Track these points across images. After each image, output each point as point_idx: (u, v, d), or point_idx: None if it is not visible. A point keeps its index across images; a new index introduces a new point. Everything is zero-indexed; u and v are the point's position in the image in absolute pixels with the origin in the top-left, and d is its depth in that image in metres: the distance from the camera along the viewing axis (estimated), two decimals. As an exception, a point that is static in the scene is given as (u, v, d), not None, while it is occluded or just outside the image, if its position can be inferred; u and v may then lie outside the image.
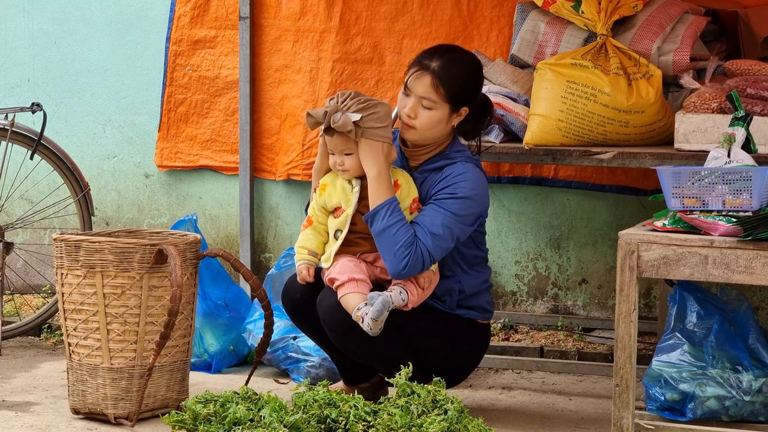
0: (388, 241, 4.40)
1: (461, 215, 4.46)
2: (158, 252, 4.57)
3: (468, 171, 4.51)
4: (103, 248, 4.57)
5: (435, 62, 4.49)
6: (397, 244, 4.39)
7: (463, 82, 4.53)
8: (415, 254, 4.39)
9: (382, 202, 4.42)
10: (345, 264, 4.49)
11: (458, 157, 4.56)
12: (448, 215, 4.44)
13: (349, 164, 4.51)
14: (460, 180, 4.48)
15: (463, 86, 4.52)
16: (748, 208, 4.08)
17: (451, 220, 4.44)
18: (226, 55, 6.21)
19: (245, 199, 6.14)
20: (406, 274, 4.41)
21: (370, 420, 4.14)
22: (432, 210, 4.46)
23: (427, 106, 4.50)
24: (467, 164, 4.54)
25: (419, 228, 4.43)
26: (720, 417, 4.25)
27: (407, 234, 4.40)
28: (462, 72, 4.53)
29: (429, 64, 4.50)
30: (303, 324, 4.73)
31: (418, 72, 4.51)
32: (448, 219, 4.44)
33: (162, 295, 4.63)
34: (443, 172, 4.53)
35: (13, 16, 6.55)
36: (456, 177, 4.49)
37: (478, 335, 4.68)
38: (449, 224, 4.43)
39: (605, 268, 5.90)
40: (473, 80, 4.58)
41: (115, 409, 4.63)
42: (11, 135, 5.83)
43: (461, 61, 4.55)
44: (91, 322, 4.62)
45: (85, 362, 4.65)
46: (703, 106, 4.80)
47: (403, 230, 4.40)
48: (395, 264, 4.40)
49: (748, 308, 4.38)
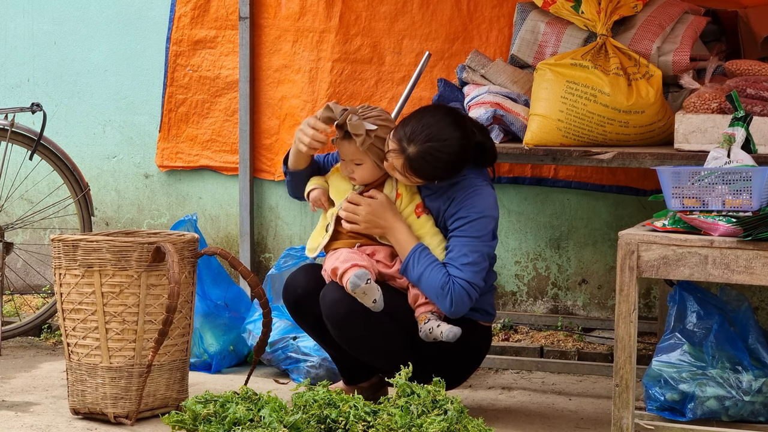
0: (426, 288, 4.51)
1: (482, 235, 4.52)
2: (156, 250, 4.57)
3: (477, 188, 4.55)
4: (100, 247, 4.57)
5: (411, 147, 4.43)
6: (434, 288, 4.48)
7: (436, 171, 4.48)
8: (455, 290, 4.46)
9: (407, 253, 4.51)
10: (346, 254, 4.53)
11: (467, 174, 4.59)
12: (471, 241, 4.50)
13: (359, 175, 4.58)
14: (471, 201, 4.52)
15: (436, 175, 4.49)
16: (747, 208, 4.08)
17: (475, 243, 4.51)
18: (226, 55, 6.21)
19: (245, 199, 6.14)
20: (456, 311, 4.48)
21: (370, 420, 4.14)
22: (456, 242, 4.52)
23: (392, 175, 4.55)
24: (476, 180, 4.58)
25: (450, 266, 4.50)
26: (720, 417, 4.25)
27: (440, 275, 4.47)
28: (436, 164, 4.45)
29: (406, 148, 4.44)
30: (303, 320, 4.74)
31: (395, 152, 4.46)
32: (472, 244, 4.50)
33: (160, 294, 4.63)
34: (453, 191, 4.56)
35: (13, 16, 6.55)
36: (467, 198, 4.53)
37: (480, 337, 4.69)
38: (475, 248, 4.50)
39: (605, 268, 5.90)
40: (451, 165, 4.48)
41: (114, 408, 4.63)
42: (11, 135, 5.84)
43: (439, 153, 4.44)
44: (90, 322, 4.62)
45: (84, 362, 4.65)
46: (703, 106, 4.80)
47: (435, 273, 4.48)
48: (442, 305, 4.50)
49: (748, 308, 4.38)
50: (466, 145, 4.49)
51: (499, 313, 6.00)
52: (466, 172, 4.59)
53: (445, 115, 4.50)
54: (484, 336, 4.71)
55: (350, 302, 4.45)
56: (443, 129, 4.46)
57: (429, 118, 4.47)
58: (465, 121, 4.54)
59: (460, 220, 4.53)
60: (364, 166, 4.56)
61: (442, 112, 4.52)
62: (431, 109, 4.54)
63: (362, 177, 4.58)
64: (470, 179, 4.58)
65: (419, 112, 4.52)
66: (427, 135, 4.44)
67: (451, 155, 4.46)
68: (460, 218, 4.53)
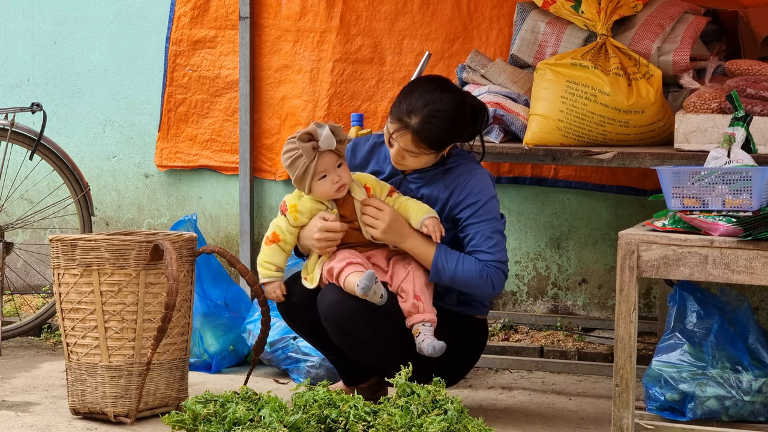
0: (464, 282, 4.53)
1: (495, 216, 4.58)
2: (154, 248, 4.57)
3: (474, 171, 4.59)
4: (99, 246, 4.58)
5: (413, 118, 4.46)
6: (473, 278, 4.51)
7: (444, 133, 4.50)
8: (492, 274, 4.52)
9: (432, 258, 4.52)
10: (342, 253, 4.52)
11: (457, 160, 4.62)
12: (488, 223, 4.56)
13: (346, 177, 4.52)
14: (474, 186, 4.56)
15: (444, 137, 4.51)
16: (748, 208, 4.08)
17: (493, 223, 4.56)
18: (226, 55, 6.21)
19: (245, 199, 6.14)
20: (498, 291, 4.57)
21: (370, 420, 4.14)
22: (475, 229, 4.55)
23: (412, 155, 4.54)
24: (468, 164, 4.61)
25: (478, 252, 4.53)
26: (720, 417, 4.25)
27: (473, 265, 4.51)
28: (441, 125, 4.48)
29: (408, 122, 4.47)
30: (299, 326, 4.73)
31: (399, 130, 4.48)
32: (491, 225, 4.56)
33: (159, 293, 4.63)
34: (451, 178, 4.59)
35: (13, 16, 6.55)
36: (468, 184, 4.57)
37: (477, 332, 4.70)
38: (495, 228, 4.56)
39: (605, 268, 5.90)
40: (454, 126, 4.52)
41: (114, 407, 4.63)
42: (11, 135, 5.84)
43: (440, 113, 4.47)
44: (89, 321, 4.62)
45: (83, 361, 4.65)
46: (703, 106, 4.80)
47: (468, 266, 4.51)
48: (485, 291, 4.55)
49: (748, 308, 4.38)
50: (461, 101, 4.54)
51: (499, 313, 6.00)
52: (455, 156, 4.61)
53: (431, 82, 4.57)
54: (481, 330, 4.72)
55: (349, 303, 4.45)
56: (435, 92, 4.51)
57: (417, 89, 4.52)
58: (450, 82, 4.61)
59: (471, 207, 4.56)
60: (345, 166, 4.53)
61: (426, 80, 4.59)
62: (415, 83, 4.59)
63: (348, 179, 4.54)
64: (462, 164, 4.61)
65: (405, 90, 4.56)
66: (423, 102, 4.48)
67: (452, 113, 4.49)
68: (470, 205, 4.55)
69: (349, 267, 4.46)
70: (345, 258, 4.49)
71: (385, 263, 4.58)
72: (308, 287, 4.58)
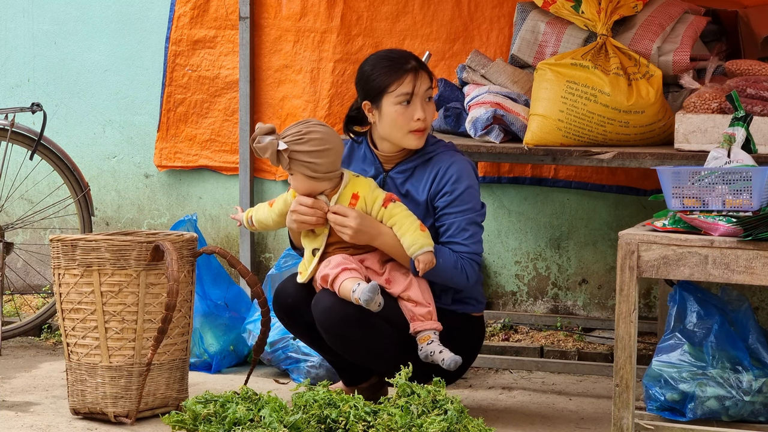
0: (440, 274, 4.53)
1: (472, 206, 4.57)
2: (155, 248, 4.58)
3: (453, 160, 4.59)
4: (99, 246, 4.58)
5: (412, 62, 4.59)
6: (447, 271, 4.52)
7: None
8: (466, 265, 4.54)
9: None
10: (336, 259, 4.52)
11: (435, 149, 4.63)
12: (464, 214, 4.55)
13: (294, 186, 4.61)
14: (452, 175, 4.56)
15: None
16: (748, 208, 4.08)
17: (469, 215, 4.56)
18: (226, 55, 6.21)
19: (245, 199, 6.14)
20: (471, 282, 4.58)
21: (370, 420, 4.14)
22: (450, 219, 4.56)
23: (430, 97, 4.60)
24: (448, 153, 4.62)
25: (452, 243, 4.55)
26: (720, 417, 4.25)
27: (447, 257, 4.52)
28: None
29: (415, 65, 4.58)
30: (295, 328, 4.73)
31: (415, 74, 4.57)
32: (467, 216, 4.56)
33: (159, 293, 4.63)
34: (430, 168, 4.59)
35: (13, 16, 6.55)
36: (447, 173, 4.57)
37: (474, 329, 4.70)
38: (471, 219, 4.57)
39: (605, 268, 5.90)
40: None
41: (114, 407, 4.64)
42: (11, 135, 5.84)
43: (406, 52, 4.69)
44: (89, 321, 4.63)
45: (84, 361, 4.66)
46: (703, 106, 4.80)
47: (444, 258, 4.51)
48: (461, 284, 4.57)
49: (748, 308, 4.38)
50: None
51: (499, 313, 6.00)
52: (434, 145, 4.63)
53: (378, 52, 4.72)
54: (478, 327, 4.72)
55: (343, 309, 4.45)
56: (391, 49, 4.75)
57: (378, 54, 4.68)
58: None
59: (447, 196, 4.56)
60: (295, 177, 4.58)
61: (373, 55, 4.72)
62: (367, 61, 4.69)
63: (297, 188, 4.60)
64: (441, 153, 4.62)
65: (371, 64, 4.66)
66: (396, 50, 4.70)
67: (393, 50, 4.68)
68: (446, 194, 4.56)
69: (344, 273, 4.45)
70: (339, 264, 4.48)
71: (379, 266, 4.58)
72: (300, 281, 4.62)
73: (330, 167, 4.53)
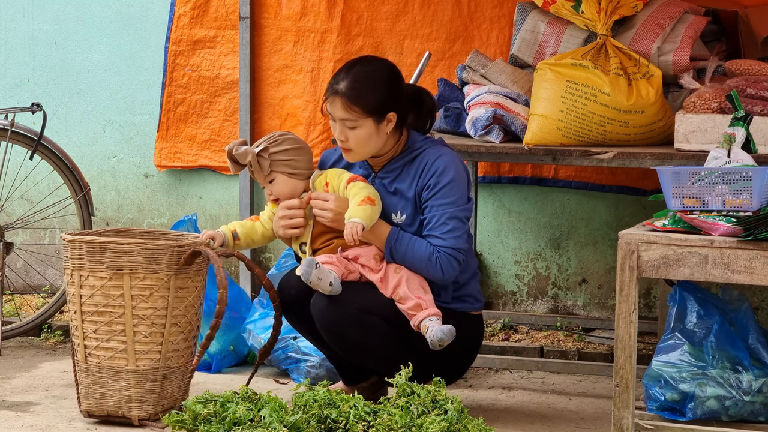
0: (414, 263, 4.53)
1: (456, 200, 4.54)
2: (192, 254, 4.54)
3: (440, 154, 4.57)
4: (132, 250, 4.52)
5: (341, 83, 4.51)
6: (422, 261, 4.51)
7: (375, 92, 4.51)
8: (441, 259, 4.51)
9: (386, 240, 4.54)
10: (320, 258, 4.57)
11: (423, 145, 4.63)
12: (446, 208, 4.53)
13: (276, 191, 4.66)
14: (437, 167, 4.54)
15: (376, 97, 4.51)
16: (748, 208, 4.08)
17: (452, 209, 4.53)
18: (226, 55, 6.21)
19: (245, 199, 6.14)
20: (447, 277, 4.54)
21: (370, 420, 4.14)
22: (432, 212, 4.54)
23: (350, 127, 4.53)
24: (435, 147, 4.61)
25: (431, 236, 4.53)
26: (720, 417, 4.25)
27: (423, 248, 4.51)
28: (369, 84, 4.51)
29: (337, 88, 4.51)
30: (297, 322, 4.74)
31: (329, 98, 4.54)
32: (448, 211, 4.53)
33: (185, 297, 4.60)
34: (417, 164, 4.60)
35: (13, 16, 6.55)
36: (432, 166, 4.55)
37: (473, 327, 4.70)
38: (452, 214, 4.53)
39: (605, 268, 5.90)
40: (386, 86, 4.55)
41: (139, 411, 4.59)
42: (11, 135, 5.84)
43: (367, 73, 4.53)
44: (116, 324, 4.55)
45: (106, 365, 4.58)
46: (703, 106, 4.80)
47: (418, 248, 4.52)
48: (434, 275, 4.53)
49: (748, 308, 4.38)
50: (392, 66, 4.62)
51: (499, 313, 6.00)
52: (421, 142, 4.62)
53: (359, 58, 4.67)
54: (477, 325, 4.72)
55: (341, 308, 4.46)
56: (360, 61, 4.61)
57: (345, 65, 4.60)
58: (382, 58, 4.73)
59: (430, 189, 4.55)
60: (277, 180, 4.63)
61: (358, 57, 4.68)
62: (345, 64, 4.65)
63: (280, 192, 4.64)
64: (428, 148, 4.61)
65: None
66: (351, 64, 4.58)
67: (382, 71, 4.56)
68: (430, 186, 4.55)
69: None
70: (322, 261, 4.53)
71: (374, 263, 4.58)
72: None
73: (307, 165, 4.66)
